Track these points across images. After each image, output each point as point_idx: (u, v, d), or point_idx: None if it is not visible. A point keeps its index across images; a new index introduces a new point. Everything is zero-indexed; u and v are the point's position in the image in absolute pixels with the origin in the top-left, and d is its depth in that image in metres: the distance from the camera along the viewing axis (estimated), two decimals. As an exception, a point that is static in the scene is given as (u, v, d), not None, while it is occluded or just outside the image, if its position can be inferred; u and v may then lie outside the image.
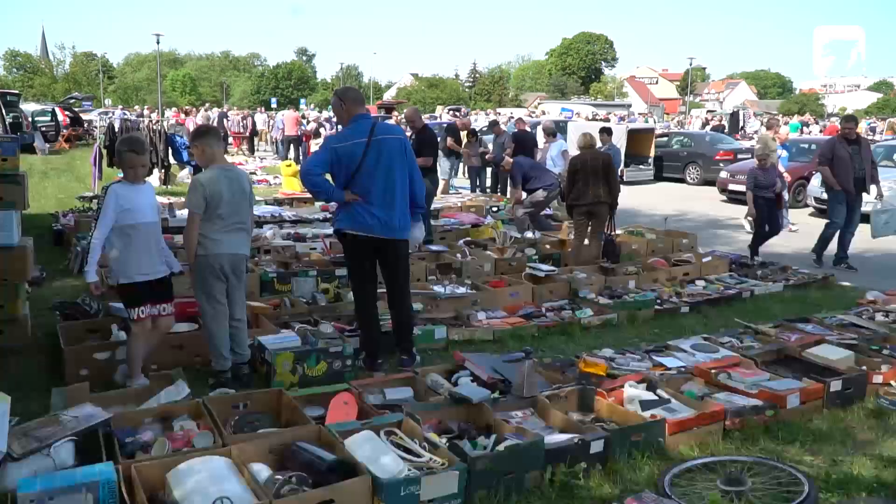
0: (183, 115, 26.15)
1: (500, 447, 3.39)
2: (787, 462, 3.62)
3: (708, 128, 28.39)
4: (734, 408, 4.10)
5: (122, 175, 4.39)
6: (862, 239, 9.47)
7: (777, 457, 3.72)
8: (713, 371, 4.63)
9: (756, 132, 28.81)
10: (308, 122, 23.46)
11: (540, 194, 9.50)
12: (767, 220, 8.84)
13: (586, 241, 8.08)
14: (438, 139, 12.78)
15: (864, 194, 8.71)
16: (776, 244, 9.67)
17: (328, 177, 4.78)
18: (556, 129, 12.94)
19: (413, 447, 3.35)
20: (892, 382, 4.67)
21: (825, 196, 13.03)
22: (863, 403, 4.47)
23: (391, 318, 5.09)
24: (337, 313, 5.79)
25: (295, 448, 3.27)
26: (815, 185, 13.44)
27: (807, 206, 14.21)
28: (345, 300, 6.03)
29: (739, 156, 18.59)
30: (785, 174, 11.00)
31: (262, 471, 3.12)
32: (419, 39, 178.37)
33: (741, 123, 31.87)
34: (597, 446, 3.56)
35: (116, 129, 14.12)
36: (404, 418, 3.60)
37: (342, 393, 4.03)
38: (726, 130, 27.04)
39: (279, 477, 3.01)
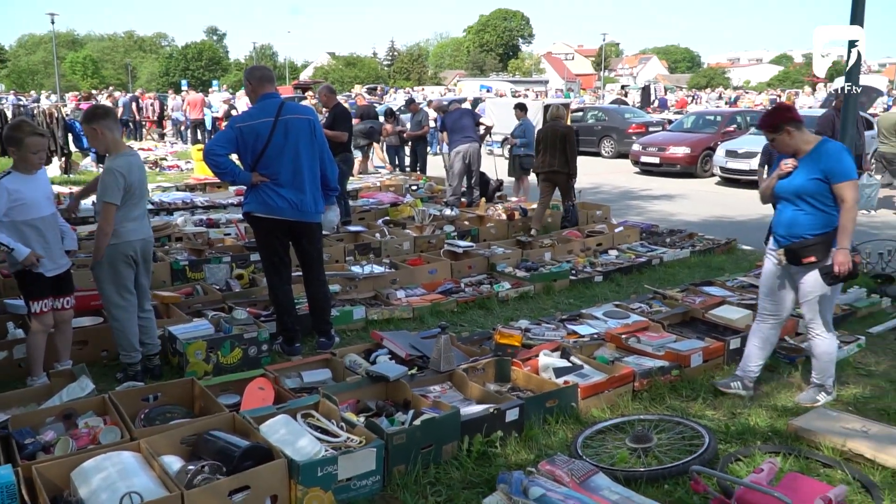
0: (85, 101, 24.86)
1: (417, 422, 3.43)
2: (690, 417, 3.82)
3: (608, 102, 29.21)
4: (642, 370, 4.27)
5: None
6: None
7: (681, 413, 3.92)
8: (623, 336, 4.81)
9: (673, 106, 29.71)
10: (217, 106, 22.71)
11: (457, 164, 9.92)
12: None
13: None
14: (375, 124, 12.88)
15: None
16: (684, 213, 10.08)
17: (235, 158, 4.67)
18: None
19: (330, 428, 3.34)
20: (787, 338, 4.96)
21: (729, 165, 13.70)
22: (761, 359, 4.73)
23: (307, 301, 5.05)
24: (252, 299, 5.69)
25: (208, 437, 3.21)
26: (721, 156, 14.03)
27: (713, 175, 14.82)
28: (260, 285, 5.93)
29: (651, 129, 19.20)
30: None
31: (173, 462, 3.05)
32: (335, 18, 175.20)
33: (652, 97, 32.85)
34: (512, 415, 3.65)
35: (9, 117, 13.32)
36: (321, 400, 3.59)
37: (258, 379, 3.97)
38: (638, 104, 27.84)
39: (192, 467, 2.95)
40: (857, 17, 6.21)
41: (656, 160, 15.77)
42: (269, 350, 4.71)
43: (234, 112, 21.79)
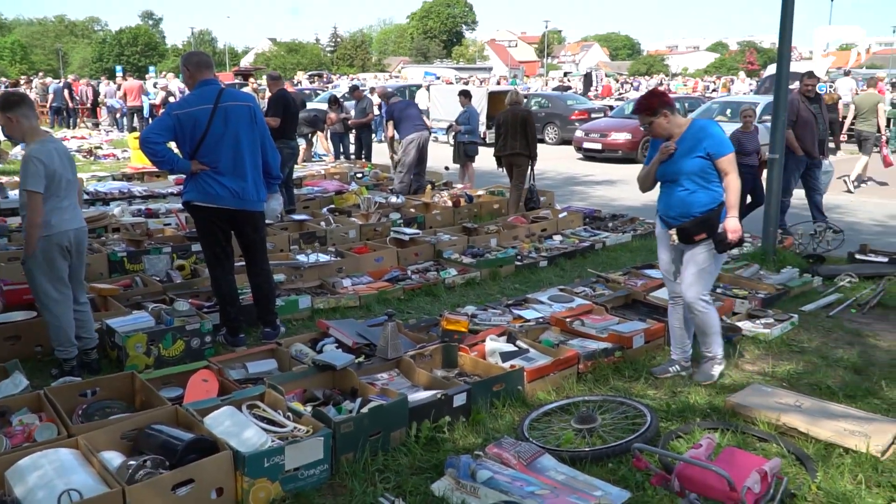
0: (13, 88, 23.79)
1: (365, 409, 3.42)
2: (633, 397, 3.91)
3: (550, 88, 29.55)
4: (586, 352, 4.36)
5: None
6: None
7: (624, 393, 4.01)
8: (568, 319, 4.89)
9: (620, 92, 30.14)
10: (155, 92, 22.04)
11: (412, 153, 9.82)
12: (750, 190, 7.99)
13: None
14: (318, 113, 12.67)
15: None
16: (625, 198, 10.27)
17: (173, 146, 4.54)
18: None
19: (276, 418, 3.31)
20: (724, 317, 5.12)
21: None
22: (699, 338, 4.88)
23: (252, 291, 4.97)
24: (194, 290, 5.56)
25: (149, 431, 3.14)
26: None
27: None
28: (202, 276, 5.81)
29: (593, 115, 19.48)
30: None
31: (114, 458, 2.98)
32: (276, 3, 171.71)
33: (594, 84, 33.31)
34: (459, 399, 3.68)
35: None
36: (267, 390, 3.54)
37: (201, 371, 3.90)
38: (580, 91, 28.19)
39: (133, 462, 2.88)
40: (787, 7, 6.40)
41: (598, 146, 16.02)
42: (212, 341, 4.62)
43: (171, 99, 21.19)
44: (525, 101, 21.51)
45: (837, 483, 3.10)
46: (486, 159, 10.70)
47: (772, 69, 7.05)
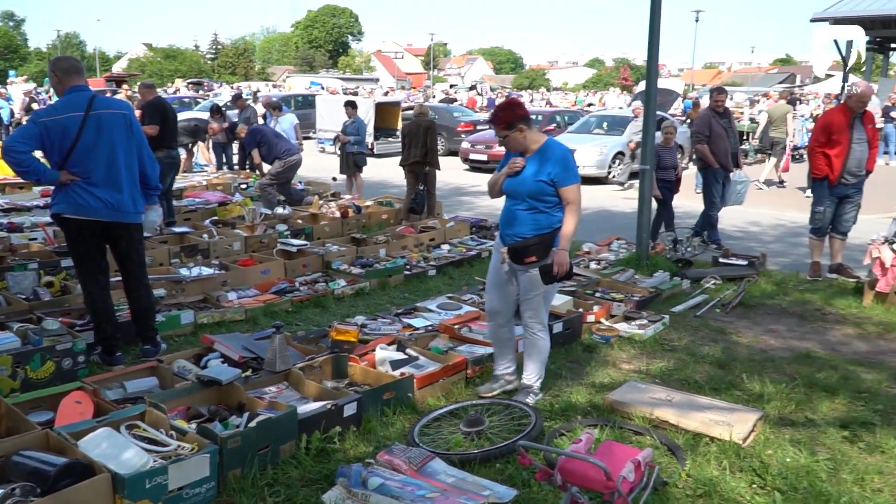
0: None
1: (253, 424, 3.36)
2: (519, 399, 4.05)
3: (436, 101, 30.12)
4: (474, 357, 4.47)
5: None
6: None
7: (510, 396, 4.14)
8: (456, 326, 4.99)
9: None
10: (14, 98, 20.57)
11: (277, 165, 9.48)
12: (664, 202, 8.26)
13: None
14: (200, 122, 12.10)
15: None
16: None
17: (39, 155, 4.28)
18: (280, 103, 12.86)
19: (158, 437, 3.19)
20: (602, 320, 5.40)
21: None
22: (580, 341, 5.12)
23: (129, 307, 4.75)
24: (65, 308, 5.25)
25: (17, 458, 2.94)
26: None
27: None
28: (74, 293, 5.49)
29: (479, 127, 19.91)
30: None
31: (-24, 489, 2.77)
32: (151, 6, 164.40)
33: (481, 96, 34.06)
34: (350, 409, 3.68)
35: None
36: (147, 409, 3.40)
37: (74, 392, 3.69)
38: (458, 102, 28.77)
39: (0, 491, 2.70)
40: (654, 27, 6.85)
41: (484, 157, 16.39)
42: (86, 361, 4.38)
43: (35, 105, 19.86)
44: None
45: (704, 470, 3.35)
46: (374, 170, 10.72)
47: (644, 85, 7.59)
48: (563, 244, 3.83)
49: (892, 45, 22.86)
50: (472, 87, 36.15)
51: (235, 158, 14.45)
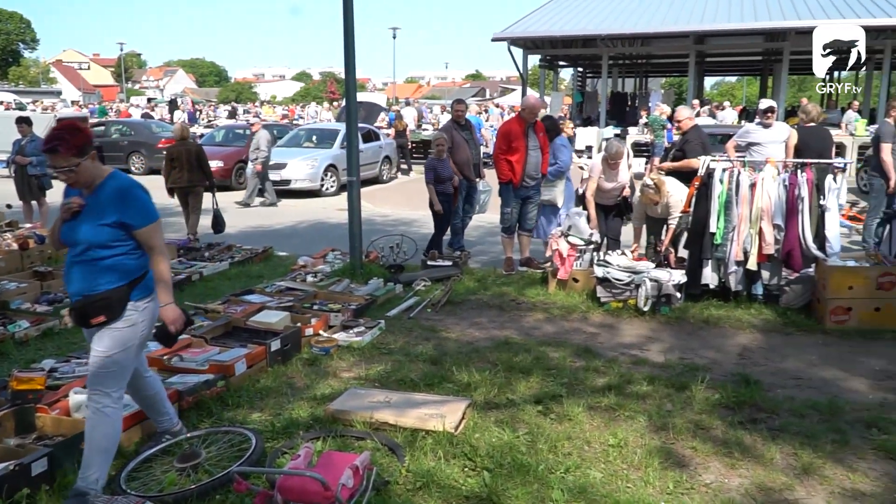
0: None
1: None
2: (237, 424, 3.91)
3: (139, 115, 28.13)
4: (187, 387, 4.21)
5: None
6: (296, 212, 10.58)
7: (229, 422, 3.98)
8: (164, 357, 4.65)
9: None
10: None
11: None
12: (444, 215, 8.25)
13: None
14: None
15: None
16: (233, 222, 10.16)
17: None
18: None
19: None
20: (321, 332, 5.44)
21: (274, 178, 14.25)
22: (300, 355, 5.09)
23: None
24: None
25: None
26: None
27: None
28: None
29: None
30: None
31: None
32: None
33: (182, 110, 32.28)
34: (39, 466, 3.24)
35: None
36: None
37: None
38: (167, 118, 27.08)
39: None
40: (348, 41, 7.08)
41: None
42: None
43: None
44: (103, 128, 19.84)
45: (422, 462, 3.53)
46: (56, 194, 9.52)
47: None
48: (165, 298, 3.29)
49: (561, 63, 26.31)
50: (172, 101, 34.03)
51: None
